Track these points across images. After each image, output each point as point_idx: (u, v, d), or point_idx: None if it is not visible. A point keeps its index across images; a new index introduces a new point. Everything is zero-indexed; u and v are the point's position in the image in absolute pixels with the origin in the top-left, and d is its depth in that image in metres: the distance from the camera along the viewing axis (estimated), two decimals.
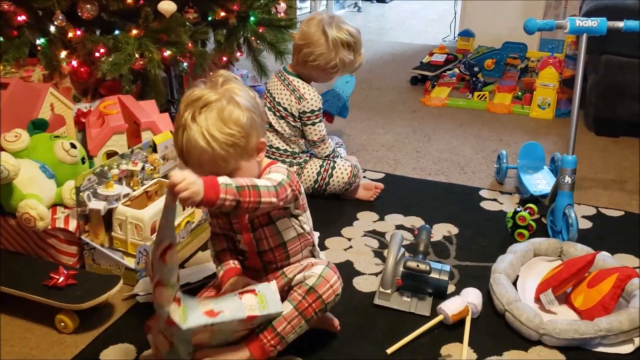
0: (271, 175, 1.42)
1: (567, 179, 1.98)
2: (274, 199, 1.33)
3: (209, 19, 2.79)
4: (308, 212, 1.59)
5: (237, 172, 1.38)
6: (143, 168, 1.97)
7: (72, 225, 1.81)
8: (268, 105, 2.28)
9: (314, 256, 1.63)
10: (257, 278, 1.57)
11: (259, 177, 1.44)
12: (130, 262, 1.80)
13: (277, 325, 1.45)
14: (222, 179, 1.25)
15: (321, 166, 2.28)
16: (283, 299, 1.48)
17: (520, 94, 3.44)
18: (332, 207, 2.27)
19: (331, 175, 2.28)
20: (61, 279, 1.66)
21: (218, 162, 1.34)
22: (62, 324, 1.62)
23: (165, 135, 2.09)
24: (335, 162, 2.30)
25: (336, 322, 1.62)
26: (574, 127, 2.03)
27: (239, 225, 1.53)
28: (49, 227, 1.78)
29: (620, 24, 1.96)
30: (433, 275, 1.74)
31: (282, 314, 1.45)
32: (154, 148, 2.04)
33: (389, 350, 1.57)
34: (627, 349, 1.57)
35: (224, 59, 2.88)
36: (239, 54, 2.98)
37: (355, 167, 2.31)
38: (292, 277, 1.51)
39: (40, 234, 1.81)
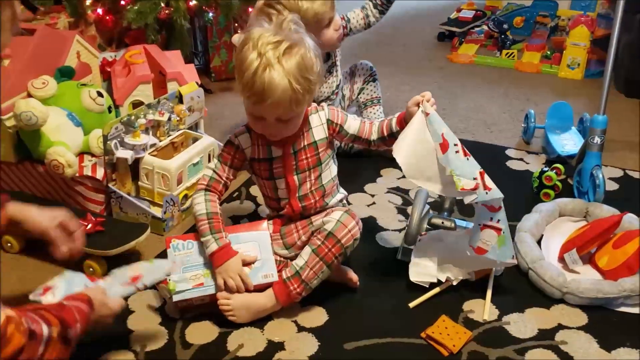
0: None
1: (597, 139, 1.96)
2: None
3: None
4: None
5: (297, 117, 1.46)
6: (169, 119, 1.97)
7: (100, 173, 1.83)
8: None
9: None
10: (289, 225, 1.61)
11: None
12: (157, 212, 1.82)
13: (302, 273, 1.48)
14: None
15: None
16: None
17: (549, 53, 3.37)
18: (355, 164, 2.25)
19: None
20: (89, 225, 1.69)
21: (292, 105, 1.40)
22: (91, 269, 1.65)
23: (191, 86, 2.09)
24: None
25: (355, 277, 1.64)
26: (606, 87, 1.99)
27: (283, 169, 1.55)
28: (77, 175, 1.81)
29: None
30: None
31: (305, 261, 1.47)
32: (180, 99, 2.04)
33: (411, 305, 1.58)
34: None
35: (250, 9, 2.84)
36: None
37: None
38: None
39: (68, 181, 1.83)
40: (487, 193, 1.49)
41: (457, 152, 1.50)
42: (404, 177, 2.17)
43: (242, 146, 1.55)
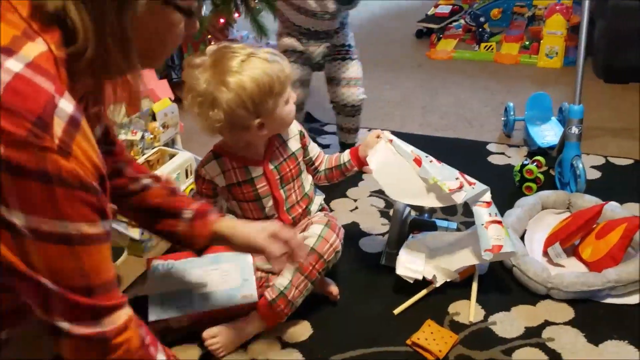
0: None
1: (574, 130, 1.94)
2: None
3: None
4: None
5: (274, 115, 1.43)
6: (143, 137, 1.95)
7: None
8: None
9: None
10: None
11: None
12: (134, 233, 1.80)
13: (287, 293, 1.46)
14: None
15: None
16: None
17: (527, 43, 3.36)
18: None
19: None
20: None
21: None
22: None
23: (164, 102, 2.07)
24: None
25: (335, 290, 1.61)
26: (579, 77, 1.98)
27: (268, 187, 1.53)
28: None
29: None
30: None
31: (290, 280, 1.45)
32: (153, 116, 2.02)
33: (396, 311, 1.57)
34: (635, 299, 1.56)
35: (222, 21, 2.83)
36: (237, 15, 2.92)
37: None
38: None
39: None
40: (473, 188, 1.52)
41: (431, 161, 1.53)
42: None
43: (208, 176, 1.52)
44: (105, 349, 0.90)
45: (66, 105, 0.79)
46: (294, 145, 1.57)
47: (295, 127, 1.57)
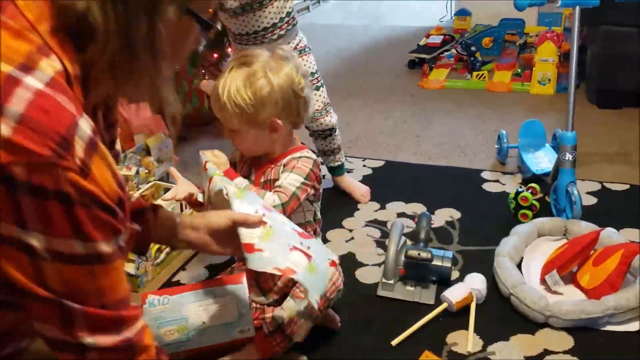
0: (290, 180, 1.49)
1: (568, 156, 1.95)
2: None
3: None
4: (319, 201, 1.64)
5: (242, 134, 1.48)
6: (137, 172, 1.95)
7: None
8: None
9: None
10: None
11: (281, 154, 1.54)
12: (129, 268, 1.79)
13: (286, 328, 1.44)
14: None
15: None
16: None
17: (519, 70, 3.39)
18: (332, 198, 2.23)
19: None
20: None
21: (225, 114, 1.46)
22: None
23: (159, 137, 2.07)
24: None
25: (337, 318, 1.60)
26: (571, 103, 2.00)
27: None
28: None
29: None
30: (435, 262, 1.71)
31: (289, 315, 1.43)
32: (147, 151, 2.02)
33: (394, 342, 1.54)
34: (634, 326, 1.54)
35: (215, 55, 2.85)
36: (230, 49, 2.94)
37: None
38: None
39: None
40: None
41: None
42: (381, 209, 2.17)
43: (233, 159, 1.62)
44: (131, 353, 0.89)
45: (86, 126, 0.79)
46: (279, 170, 1.54)
47: (290, 159, 1.55)
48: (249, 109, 1.43)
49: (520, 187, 2.06)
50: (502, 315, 1.62)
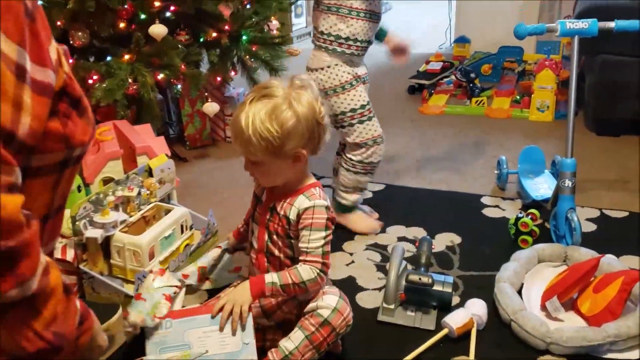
0: (313, 241, 1.46)
1: (568, 183, 1.96)
2: (318, 287, 1.47)
3: (201, 40, 2.78)
4: None
5: (265, 166, 1.44)
6: (139, 193, 1.95)
7: (70, 255, 1.79)
8: None
9: None
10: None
11: (295, 190, 1.51)
12: (129, 289, 1.78)
13: (292, 358, 1.43)
14: (270, 278, 1.44)
15: None
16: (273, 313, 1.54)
17: (518, 97, 3.42)
18: None
19: None
20: None
21: (249, 147, 1.41)
22: None
23: (161, 158, 2.08)
24: None
25: (339, 343, 1.58)
26: (570, 130, 2.01)
27: (259, 217, 1.55)
28: None
29: (612, 25, 1.95)
30: (436, 287, 1.72)
31: (296, 346, 1.43)
32: (149, 172, 2.03)
33: None
34: (635, 354, 1.54)
35: (218, 79, 2.88)
36: (233, 73, 2.97)
37: None
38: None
39: None
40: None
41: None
42: (382, 232, 2.18)
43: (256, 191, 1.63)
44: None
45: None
46: (293, 213, 1.49)
47: (305, 203, 1.49)
48: (276, 142, 1.39)
49: (520, 213, 2.08)
50: (502, 342, 1.62)
